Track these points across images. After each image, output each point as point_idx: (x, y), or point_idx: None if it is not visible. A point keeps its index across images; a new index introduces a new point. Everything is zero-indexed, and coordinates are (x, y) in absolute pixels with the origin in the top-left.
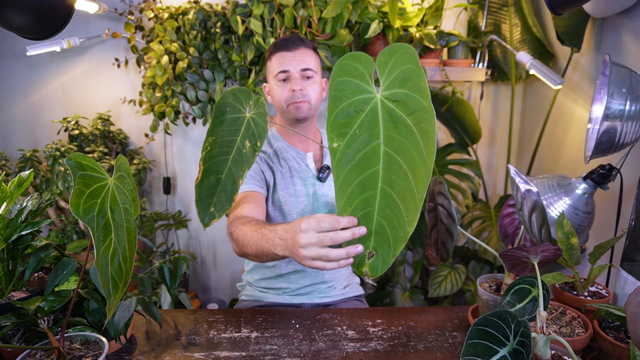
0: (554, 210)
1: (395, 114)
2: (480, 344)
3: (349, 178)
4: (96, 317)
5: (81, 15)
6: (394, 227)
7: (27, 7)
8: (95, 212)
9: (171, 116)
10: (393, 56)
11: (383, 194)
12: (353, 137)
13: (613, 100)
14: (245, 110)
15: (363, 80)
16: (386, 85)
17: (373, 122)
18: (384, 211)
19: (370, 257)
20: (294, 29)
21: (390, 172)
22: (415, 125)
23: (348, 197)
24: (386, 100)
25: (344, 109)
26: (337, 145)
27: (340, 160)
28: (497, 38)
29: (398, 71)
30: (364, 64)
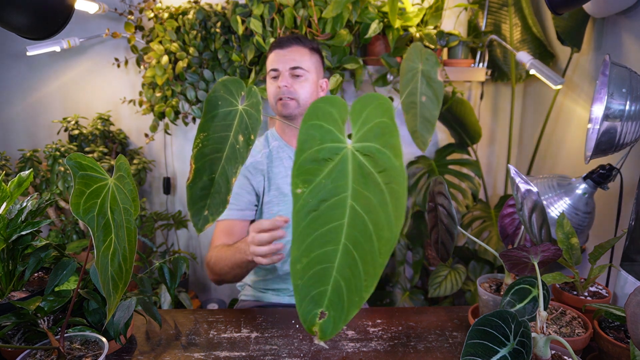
0: (554, 210)
1: (365, 169)
2: (480, 344)
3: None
4: (96, 317)
5: (81, 15)
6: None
7: (27, 7)
8: (96, 212)
9: (171, 116)
10: (368, 107)
11: (345, 251)
12: (319, 185)
13: (613, 100)
14: (237, 102)
15: (335, 127)
16: (359, 137)
17: (342, 173)
18: (344, 270)
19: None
20: (294, 29)
21: (354, 229)
22: (385, 184)
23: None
24: (357, 152)
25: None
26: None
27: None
28: (497, 38)
29: (372, 124)
30: (338, 110)
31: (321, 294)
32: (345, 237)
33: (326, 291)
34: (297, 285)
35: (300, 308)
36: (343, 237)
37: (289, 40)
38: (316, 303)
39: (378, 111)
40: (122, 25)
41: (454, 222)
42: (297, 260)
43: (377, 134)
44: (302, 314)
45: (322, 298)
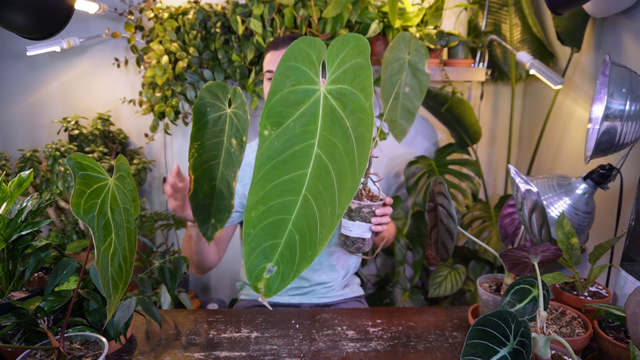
0: (554, 210)
1: (335, 113)
2: (480, 344)
3: (271, 174)
4: (96, 317)
5: (81, 15)
6: (304, 243)
7: (27, 7)
8: (96, 212)
9: (171, 116)
10: (345, 47)
11: (304, 203)
12: (287, 129)
13: (613, 100)
14: (225, 106)
15: (311, 69)
16: (333, 79)
17: (312, 117)
18: (300, 223)
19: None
20: (294, 29)
21: (317, 179)
22: (353, 128)
23: (264, 195)
24: (329, 95)
25: (284, 96)
26: (268, 134)
27: (267, 150)
28: (497, 38)
29: (347, 65)
30: (316, 51)
31: (273, 247)
32: (307, 188)
33: (278, 244)
34: (248, 234)
35: (249, 260)
36: (304, 187)
37: (284, 41)
38: (266, 256)
39: (355, 51)
40: (122, 25)
41: (454, 222)
42: (253, 207)
43: (351, 75)
44: (249, 267)
45: (274, 251)
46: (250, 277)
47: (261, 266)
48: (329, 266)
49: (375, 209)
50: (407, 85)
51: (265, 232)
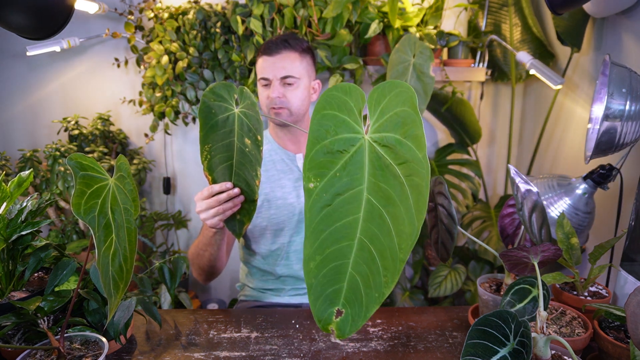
0: (554, 210)
1: (383, 160)
2: (480, 344)
3: (324, 224)
4: (96, 317)
5: (81, 15)
6: (369, 285)
7: (27, 7)
8: (96, 212)
9: (171, 116)
10: (387, 95)
11: (360, 246)
12: (333, 179)
13: (613, 100)
14: (232, 106)
15: (351, 117)
16: (376, 127)
17: (358, 165)
18: (360, 266)
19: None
20: (294, 29)
21: (371, 223)
22: (406, 176)
23: (320, 244)
24: (375, 143)
25: (325, 146)
26: (314, 186)
27: (316, 202)
28: (497, 38)
29: (391, 113)
30: (354, 99)
31: (336, 292)
32: (361, 232)
33: (342, 289)
34: (310, 285)
35: (315, 307)
36: (358, 231)
37: (277, 46)
38: (331, 301)
39: (399, 99)
40: (122, 25)
41: (454, 222)
42: (311, 258)
43: (397, 123)
44: (317, 313)
45: (338, 296)
46: (320, 321)
47: (328, 311)
48: None
49: None
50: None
51: (327, 279)
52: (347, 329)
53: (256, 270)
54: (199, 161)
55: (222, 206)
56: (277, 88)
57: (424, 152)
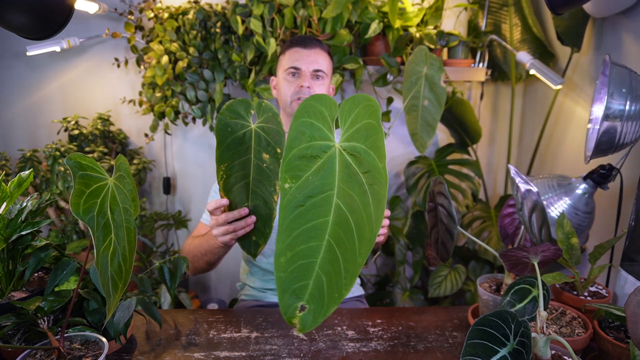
0: (554, 210)
1: (351, 168)
2: (480, 344)
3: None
4: (96, 317)
5: (81, 15)
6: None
7: (27, 7)
8: (95, 212)
9: (171, 116)
10: (356, 107)
11: (328, 248)
12: (306, 181)
13: (613, 100)
14: (249, 122)
15: (325, 126)
16: (346, 137)
17: (329, 171)
18: (326, 266)
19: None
20: (294, 29)
21: (339, 227)
22: (369, 185)
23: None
24: (344, 152)
25: (301, 151)
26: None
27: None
28: (497, 38)
29: (359, 125)
30: (328, 108)
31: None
32: (330, 234)
33: (307, 285)
34: (279, 278)
35: (282, 300)
36: (327, 234)
37: (311, 41)
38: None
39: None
40: (122, 25)
41: (454, 222)
42: (281, 254)
43: (364, 135)
44: (283, 306)
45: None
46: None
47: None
48: None
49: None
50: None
51: (295, 275)
52: (308, 324)
53: (258, 269)
54: (199, 161)
55: (234, 225)
56: (308, 78)
57: (384, 163)
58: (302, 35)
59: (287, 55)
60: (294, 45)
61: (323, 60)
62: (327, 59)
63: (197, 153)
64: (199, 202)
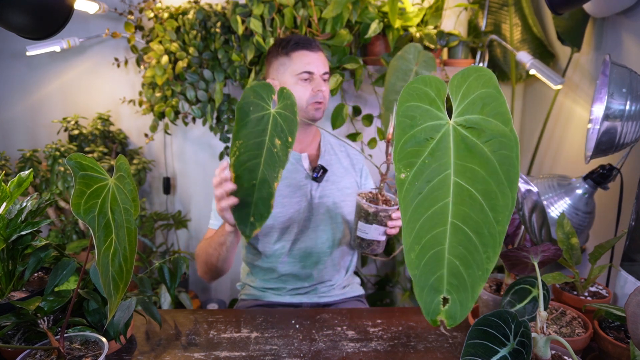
0: (554, 210)
1: (469, 141)
2: (481, 344)
3: (417, 213)
4: (96, 317)
5: (81, 15)
6: (470, 265)
7: (27, 7)
8: (96, 212)
9: (171, 116)
10: (467, 79)
11: (454, 230)
12: (422, 167)
13: (613, 100)
14: (269, 106)
15: (434, 106)
16: (459, 111)
17: (443, 150)
18: (456, 249)
19: (446, 303)
20: (294, 29)
21: (462, 205)
22: (493, 152)
23: (416, 234)
24: (459, 126)
25: (412, 136)
26: (405, 177)
27: (408, 192)
28: (497, 38)
29: (473, 96)
30: (435, 88)
31: (438, 280)
32: (453, 216)
33: (442, 275)
34: (414, 276)
35: (421, 299)
36: (450, 215)
37: (316, 44)
38: (436, 290)
39: (478, 83)
40: (122, 25)
41: None
42: (411, 249)
43: (479, 105)
44: (424, 305)
45: (440, 283)
46: (428, 314)
47: (435, 301)
48: (332, 265)
49: (391, 213)
50: None
51: (428, 269)
52: (458, 315)
53: (258, 269)
54: (199, 161)
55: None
56: (320, 83)
57: (511, 126)
58: (302, 37)
59: (296, 58)
60: (300, 48)
61: (327, 62)
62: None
63: (197, 153)
64: (199, 202)
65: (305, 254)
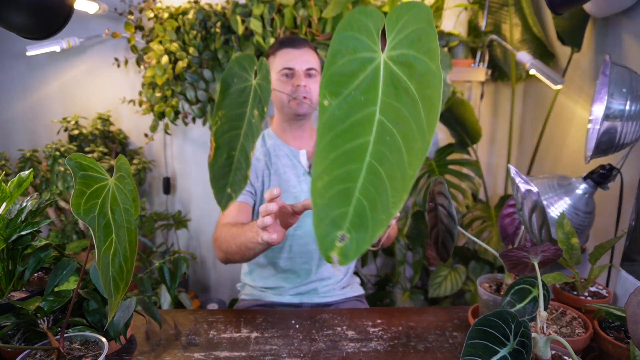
0: (554, 210)
1: (397, 78)
2: (481, 344)
3: (334, 144)
4: (96, 317)
5: (81, 15)
6: (376, 208)
7: (27, 7)
8: (96, 213)
9: (171, 116)
10: (405, 14)
11: (370, 170)
12: (347, 97)
13: (613, 100)
14: (251, 77)
15: (370, 38)
16: (393, 45)
17: (372, 85)
18: (368, 190)
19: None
20: (294, 29)
21: (381, 145)
22: (419, 91)
23: (328, 165)
24: (390, 61)
25: (343, 65)
26: (328, 104)
27: (329, 120)
28: (497, 38)
29: (408, 30)
30: (373, 21)
31: (342, 216)
32: (371, 155)
33: (347, 212)
34: (316, 204)
35: (319, 230)
36: (368, 155)
37: (300, 41)
38: (336, 225)
39: (415, 17)
40: (122, 25)
41: (454, 222)
42: (319, 177)
43: (413, 40)
44: (320, 237)
45: (343, 220)
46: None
47: (332, 234)
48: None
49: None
50: None
51: (332, 202)
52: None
53: (257, 267)
54: (199, 161)
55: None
56: (302, 77)
57: (437, 64)
58: (289, 37)
59: (278, 56)
60: (283, 47)
61: (313, 59)
62: (317, 57)
63: (197, 153)
64: (199, 202)
65: (304, 250)
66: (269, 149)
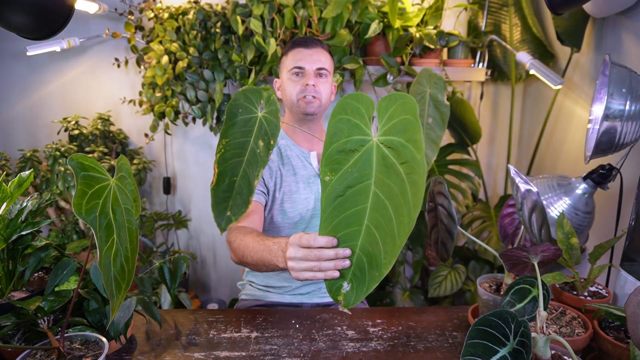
0: (554, 210)
1: (388, 159)
2: (480, 344)
3: (337, 211)
4: (96, 317)
5: (81, 15)
6: (372, 265)
7: (27, 7)
8: (98, 213)
9: (171, 116)
10: (393, 104)
11: (367, 231)
12: (345, 173)
13: (613, 100)
14: (257, 110)
15: (362, 122)
16: (384, 131)
17: (366, 163)
18: (366, 248)
19: (346, 288)
20: (294, 29)
21: (377, 212)
22: (406, 174)
23: (333, 228)
24: (382, 145)
25: (340, 146)
26: (329, 179)
27: (331, 193)
28: (497, 38)
29: (396, 120)
30: (365, 106)
31: (346, 270)
32: (368, 219)
33: (350, 268)
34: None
35: (328, 280)
36: (366, 219)
37: (313, 41)
38: (341, 276)
39: (403, 109)
40: (122, 25)
41: (454, 222)
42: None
43: (400, 129)
44: (329, 285)
45: (347, 272)
46: (330, 292)
47: (338, 284)
48: None
49: None
50: (430, 117)
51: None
52: (352, 301)
53: None
54: (199, 161)
55: (322, 264)
56: (312, 77)
57: (422, 155)
58: (303, 37)
59: (290, 56)
60: (295, 46)
61: (325, 59)
62: (329, 58)
63: (197, 153)
64: (199, 202)
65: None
66: (280, 149)
